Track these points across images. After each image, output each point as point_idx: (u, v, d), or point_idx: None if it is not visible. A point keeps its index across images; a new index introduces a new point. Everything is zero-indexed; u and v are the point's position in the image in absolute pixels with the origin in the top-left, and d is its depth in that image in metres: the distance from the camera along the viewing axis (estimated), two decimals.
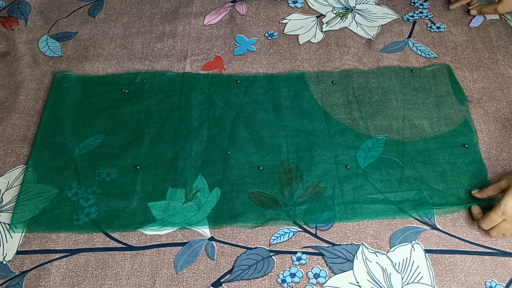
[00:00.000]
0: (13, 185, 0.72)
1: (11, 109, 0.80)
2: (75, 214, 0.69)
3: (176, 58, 0.87)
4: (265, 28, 0.92)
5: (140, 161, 0.74)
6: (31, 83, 0.84)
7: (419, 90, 0.81)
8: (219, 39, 0.90)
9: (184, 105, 0.80)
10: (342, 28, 0.91)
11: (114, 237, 0.67)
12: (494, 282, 0.62)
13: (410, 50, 0.87)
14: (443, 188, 0.70)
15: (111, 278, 0.64)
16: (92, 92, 0.82)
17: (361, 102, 0.80)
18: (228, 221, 0.68)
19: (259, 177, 0.72)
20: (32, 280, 0.63)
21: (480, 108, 0.79)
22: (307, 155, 0.74)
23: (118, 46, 0.89)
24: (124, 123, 0.78)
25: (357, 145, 0.75)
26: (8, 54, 0.89)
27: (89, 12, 0.96)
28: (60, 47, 0.90)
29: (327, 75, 0.84)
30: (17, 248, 0.66)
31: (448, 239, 0.66)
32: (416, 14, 0.93)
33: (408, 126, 0.77)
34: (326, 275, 0.63)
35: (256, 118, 0.78)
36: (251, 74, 0.84)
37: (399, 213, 0.68)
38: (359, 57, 0.86)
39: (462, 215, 0.68)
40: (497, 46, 0.87)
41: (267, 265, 0.64)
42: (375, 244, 0.66)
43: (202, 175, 0.72)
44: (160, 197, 0.70)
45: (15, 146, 0.76)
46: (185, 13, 0.94)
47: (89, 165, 0.73)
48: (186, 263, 0.65)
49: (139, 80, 0.84)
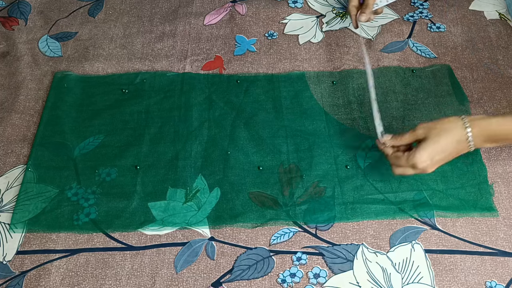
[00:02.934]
0: (13, 185, 0.72)
1: (11, 109, 0.80)
2: (75, 214, 0.68)
3: (176, 58, 0.87)
4: (265, 28, 0.92)
5: (140, 161, 0.74)
6: (31, 83, 0.84)
7: (419, 90, 0.81)
8: (219, 39, 0.90)
9: (184, 105, 0.80)
10: (342, 28, 0.91)
11: (114, 237, 0.67)
12: (494, 282, 0.62)
13: (410, 50, 0.87)
14: (443, 189, 0.70)
15: (111, 278, 0.64)
16: (92, 92, 0.82)
17: (361, 102, 0.80)
18: (228, 221, 0.68)
19: (259, 177, 0.72)
20: (32, 280, 0.63)
21: (480, 108, 0.79)
22: (307, 155, 0.74)
23: (118, 46, 0.89)
24: (124, 123, 0.78)
25: (357, 145, 0.75)
26: (8, 54, 0.89)
27: (89, 12, 0.96)
28: (60, 47, 0.90)
29: (327, 75, 0.84)
30: (17, 248, 0.66)
31: (448, 239, 0.66)
32: (416, 14, 0.93)
33: (408, 126, 0.77)
34: (326, 275, 0.63)
35: (256, 118, 0.78)
36: (251, 74, 0.84)
37: (399, 213, 0.68)
38: (359, 57, 0.86)
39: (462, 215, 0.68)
40: (497, 46, 0.87)
41: (267, 265, 0.64)
42: (375, 244, 0.66)
43: (202, 175, 0.72)
44: (160, 197, 0.70)
45: (15, 146, 0.76)
46: (185, 13, 0.94)
47: (89, 165, 0.73)
48: (186, 263, 0.65)
49: (139, 80, 0.84)
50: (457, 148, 0.60)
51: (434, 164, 0.61)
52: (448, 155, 0.60)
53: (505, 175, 0.71)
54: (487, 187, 0.70)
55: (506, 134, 0.59)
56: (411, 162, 0.60)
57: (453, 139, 0.59)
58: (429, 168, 0.61)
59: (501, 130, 0.59)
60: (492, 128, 0.59)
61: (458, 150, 0.61)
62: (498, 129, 0.59)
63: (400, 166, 0.63)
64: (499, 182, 0.71)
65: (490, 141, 0.60)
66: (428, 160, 0.60)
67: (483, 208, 0.68)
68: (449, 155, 0.61)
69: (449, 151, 0.60)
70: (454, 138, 0.59)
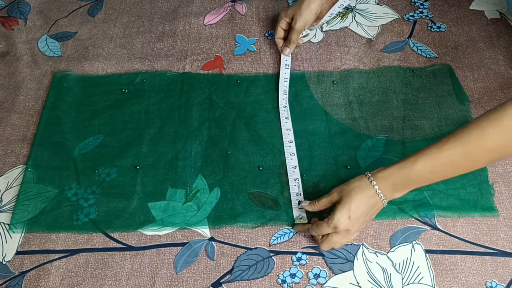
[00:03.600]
0: (13, 185, 0.72)
1: (11, 109, 0.80)
2: (75, 214, 0.68)
3: (176, 58, 0.87)
4: (265, 28, 0.92)
5: (140, 161, 0.74)
6: (31, 83, 0.84)
7: (420, 90, 0.81)
8: (219, 39, 0.90)
9: (184, 105, 0.80)
10: (342, 28, 0.91)
11: (114, 237, 0.67)
12: (494, 282, 0.62)
13: (410, 50, 0.87)
14: (444, 189, 0.70)
15: (111, 278, 0.63)
16: (92, 92, 0.82)
17: (362, 102, 0.80)
18: (228, 221, 0.68)
19: (259, 177, 0.72)
20: (32, 280, 0.63)
21: (481, 108, 0.79)
22: (307, 155, 0.74)
23: (118, 46, 0.89)
24: (124, 123, 0.78)
25: (357, 145, 0.75)
26: (7, 54, 0.89)
27: (89, 12, 0.96)
28: (59, 47, 0.89)
29: (327, 75, 0.84)
30: (17, 248, 0.66)
31: (449, 239, 0.66)
32: (416, 14, 0.92)
33: (408, 126, 0.77)
34: (326, 275, 0.63)
35: (257, 118, 0.78)
36: (251, 74, 0.84)
37: (399, 213, 0.68)
38: (359, 57, 0.86)
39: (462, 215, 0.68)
40: (498, 45, 0.87)
41: (267, 265, 0.64)
42: (375, 244, 0.66)
43: (202, 175, 0.72)
44: (160, 197, 0.70)
45: (15, 146, 0.76)
46: (185, 13, 0.94)
47: (89, 165, 0.73)
48: (186, 264, 0.64)
49: (139, 80, 0.84)
50: (370, 203, 0.61)
51: (354, 222, 0.61)
52: (365, 210, 0.61)
53: (506, 175, 0.71)
54: (488, 187, 0.70)
55: (408, 178, 0.59)
56: (332, 225, 0.61)
57: (363, 194, 0.60)
58: (351, 227, 0.61)
59: (402, 175, 0.59)
60: (393, 176, 0.60)
61: (373, 205, 0.61)
62: (399, 175, 0.59)
63: (324, 236, 0.63)
64: (500, 182, 0.70)
65: (399, 189, 0.61)
66: (347, 219, 0.60)
67: (483, 208, 0.68)
68: (365, 210, 0.61)
69: (364, 206, 0.60)
70: (364, 194, 0.60)
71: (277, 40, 0.86)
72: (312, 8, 0.80)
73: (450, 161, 0.57)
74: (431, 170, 0.58)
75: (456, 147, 0.56)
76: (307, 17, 0.81)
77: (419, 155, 0.58)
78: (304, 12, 0.80)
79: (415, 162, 0.58)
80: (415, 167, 0.58)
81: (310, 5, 0.80)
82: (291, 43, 0.83)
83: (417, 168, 0.58)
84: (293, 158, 0.72)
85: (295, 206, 0.68)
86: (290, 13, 0.83)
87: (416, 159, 0.58)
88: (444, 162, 0.57)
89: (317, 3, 0.80)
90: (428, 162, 0.58)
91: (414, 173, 0.58)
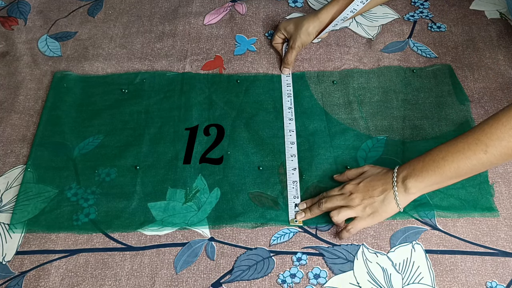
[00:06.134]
0: (13, 185, 0.72)
1: (11, 109, 0.80)
2: (75, 215, 0.68)
3: (176, 58, 0.87)
4: (265, 27, 0.92)
5: (140, 161, 0.74)
6: (31, 83, 0.84)
7: (420, 90, 0.81)
8: (219, 38, 0.90)
9: (184, 105, 0.80)
10: (343, 28, 0.91)
11: (114, 237, 0.67)
12: (494, 282, 0.62)
13: (410, 50, 0.87)
14: (444, 189, 0.69)
15: (111, 278, 0.63)
16: (92, 92, 0.82)
17: (362, 102, 0.80)
18: (228, 222, 0.68)
19: (259, 177, 0.72)
20: (32, 280, 0.63)
21: (481, 108, 0.78)
22: (307, 155, 0.74)
23: (117, 46, 0.89)
24: (124, 123, 0.78)
25: (357, 145, 0.75)
26: (7, 54, 0.88)
27: (89, 11, 0.96)
28: (59, 47, 0.89)
29: (327, 75, 0.83)
30: (17, 248, 0.66)
31: (449, 240, 0.66)
32: (416, 14, 0.92)
33: (408, 126, 0.77)
34: (326, 275, 0.63)
35: (256, 118, 0.78)
36: (251, 74, 0.84)
37: (399, 214, 0.67)
38: (359, 57, 0.86)
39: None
40: (498, 45, 0.86)
41: (267, 265, 0.64)
42: (375, 244, 0.66)
43: (202, 175, 0.72)
44: (160, 197, 0.70)
45: (15, 146, 0.76)
46: (185, 13, 0.94)
47: (89, 165, 0.73)
48: (186, 264, 0.64)
49: (139, 80, 0.84)
50: (381, 181, 0.64)
51: (360, 188, 0.64)
52: (374, 186, 0.64)
53: (506, 175, 0.71)
54: (488, 187, 0.70)
55: (423, 160, 0.62)
56: (342, 189, 0.66)
57: (381, 171, 0.66)
58: (355, 191, 0.64)
59: (424, 157, 0.62)
60: (415, 162, 0.62)
61: (382, 184, 0.64)
62: (421, 159, 0.62)
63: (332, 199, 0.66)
64: (500, 182, 0.70)
65: (412, 175, 0.62)
66: (355, 185, 0.65)
67: (483, 208, 0.68)
68: (374, 186, 0.64)
69: (375, 181, 0.64)
70: (383, 171, 0.65)
71: (274, 45, 0.87)
72: (310, 32, 0.82)
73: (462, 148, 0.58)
74: (444, 156, 0.60)
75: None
76: (305, 39, 0.83)
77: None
78: (303, 34, 0.82)
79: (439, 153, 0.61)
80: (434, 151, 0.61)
81: (308, 28, 0.82)
82: (289, 63, 0.83)
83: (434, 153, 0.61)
84: (293, 159, 0.72)
85: (291, 208, 0.68)
86: (288, 30, 0.84)
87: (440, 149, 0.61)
88: (457, 149, 0.59)
89: (316, 26, 0.82)
90: (443, 147, 0.60)
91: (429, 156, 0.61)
